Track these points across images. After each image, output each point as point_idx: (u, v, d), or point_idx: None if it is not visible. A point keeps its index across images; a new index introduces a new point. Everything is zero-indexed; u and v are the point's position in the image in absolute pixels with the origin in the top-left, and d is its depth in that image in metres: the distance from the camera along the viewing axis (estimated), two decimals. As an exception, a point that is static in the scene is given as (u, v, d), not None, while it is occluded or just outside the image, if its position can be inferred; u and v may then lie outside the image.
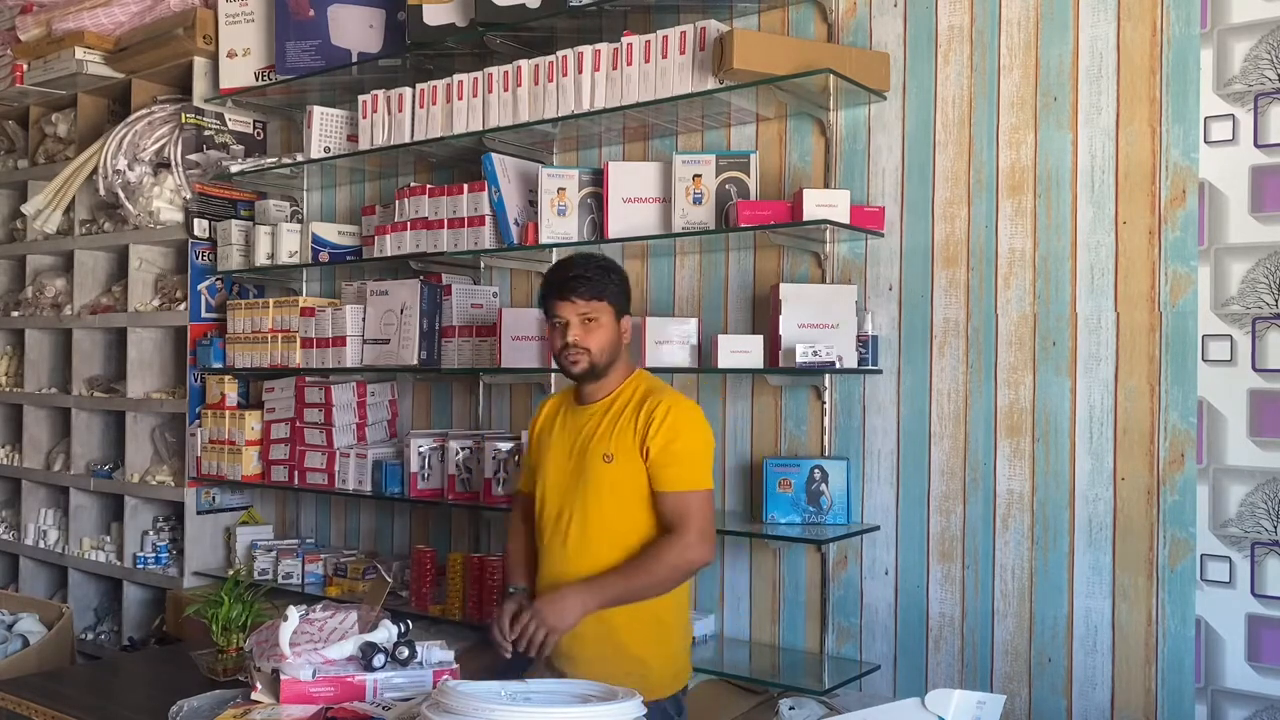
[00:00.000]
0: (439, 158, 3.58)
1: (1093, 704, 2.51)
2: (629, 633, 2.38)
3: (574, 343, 2.40)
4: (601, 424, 2.43)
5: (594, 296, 2.41)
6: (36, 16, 4.45)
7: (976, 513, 2.68)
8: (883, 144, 2.84)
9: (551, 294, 2.44)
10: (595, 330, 2.41)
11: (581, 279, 2.41)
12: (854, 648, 2.85)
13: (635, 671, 2.32)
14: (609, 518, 2.39)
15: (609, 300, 2.43)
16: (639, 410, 2.40)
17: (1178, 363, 2.43)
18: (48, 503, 4.66)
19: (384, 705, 1.97)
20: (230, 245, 3.93)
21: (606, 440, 2.40)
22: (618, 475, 2.39)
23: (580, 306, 2.40)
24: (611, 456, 2.39)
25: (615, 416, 2.43)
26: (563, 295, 2.42)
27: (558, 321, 2.43)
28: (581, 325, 2.41)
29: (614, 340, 2.45)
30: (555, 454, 2.50)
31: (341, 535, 4.02)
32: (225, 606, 2.38)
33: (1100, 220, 2.53)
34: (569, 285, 2.41)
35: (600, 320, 2.42)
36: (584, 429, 2.46)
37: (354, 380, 3.70)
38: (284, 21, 3.76)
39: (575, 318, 2.41)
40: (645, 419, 2.38)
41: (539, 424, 2.60)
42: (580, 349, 2.40)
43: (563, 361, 2.44)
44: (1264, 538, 2.34)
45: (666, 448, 2.36)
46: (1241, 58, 2.38)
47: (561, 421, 2.53)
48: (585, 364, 2.41)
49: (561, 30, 3.19)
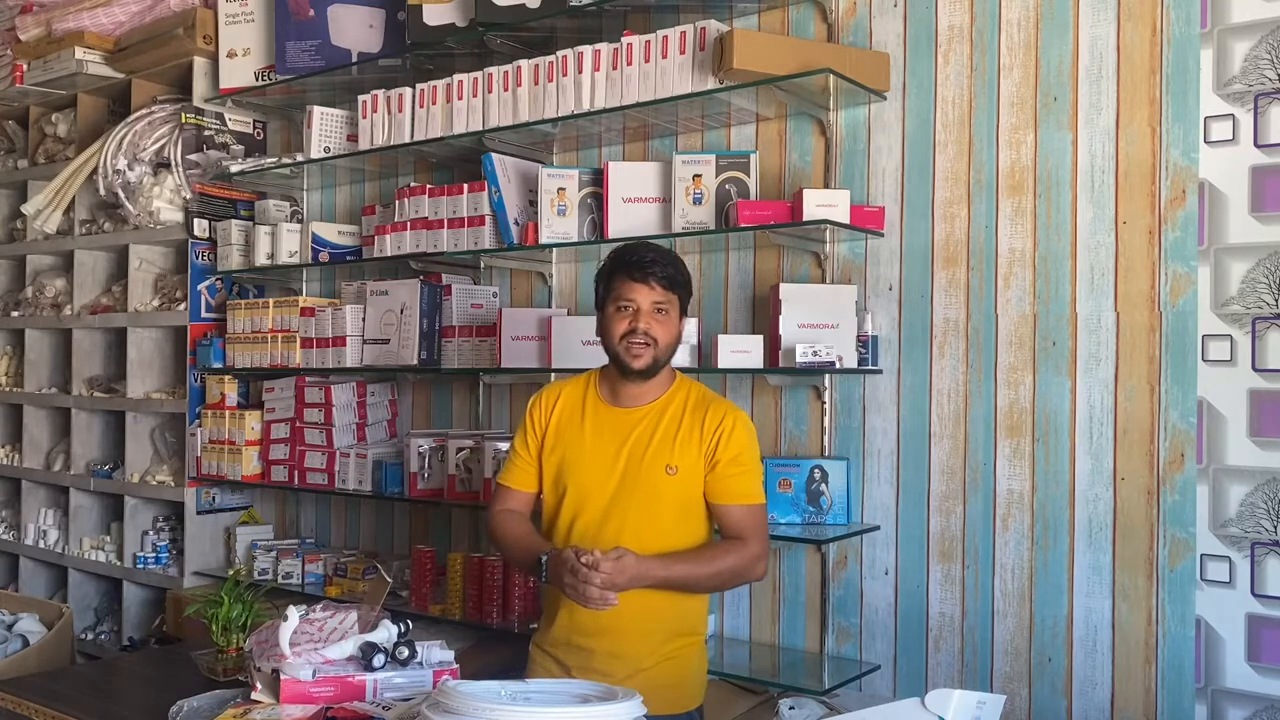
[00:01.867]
0: (439, 158, 3.58)
1: (1093, 704, 2.51)
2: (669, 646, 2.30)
3: (645, 330, 2.22)
4: (658, 431, 2.27)
5: (671, 287, 2.24)
6: (36, 16, 4.45)
7: (976, 513, 2.68)
8: (883, 144, 2.84)
9: (625, 274, 2.23)
10: (666, 323, 2.24)
11: (661, 264, 2.23)
12: (854, 648, 2.85)
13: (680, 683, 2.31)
14: (667, 533, 2.25)
15: (680, 294, 2.28)
16: (701, 420, 2.27)
17: (1178, 363, 2.43)
18: (48, 503, 4.66)
19: (384, 705, 1.97)
20: (230, 245, 3.93)
21: (668, 450, 2.26)
22: (681, 489, 2.26)
23: (657, 294, 2.22)
24: (676, 469, 2.25)
25: (674, 424, 2.28)
26: (640, 278, 2.21)
27: (628, 305, 2.22)
28: (653, 314, 2.23)
29: (677, 338, 2.30)
30: (594, 456, 2.30)
31: (341, 535, 4.02)
32: (225, 606, 2.38)
33: (1100, 220, 2.53)
34: (648, 268, 2.21)
35: (671, 314, 2.26)
36: (633, 434, 2.28)
37: (354, 380, 3.70)
38: (284, 21, 3.76)
39: (648, 304, 2.22)
40: (713, 430, 2.26)
41: (555, 417, 2.37)
42: (649, 339, 2.22)
43: (622, 350, 2.23)
44: (1264, 538, 2.34)
45: (736, 459, 2.26)
46: (1241, 58, 2.38)
47: (593, 421, 2.33)
48: (649, 358, 2.23)
49: (561, 30, 3.19)
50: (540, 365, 3.15)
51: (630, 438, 2.29)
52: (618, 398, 2.33)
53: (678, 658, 2.32)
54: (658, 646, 2.29)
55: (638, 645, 2.27)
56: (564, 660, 2.32)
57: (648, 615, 2.25)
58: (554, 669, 2.32)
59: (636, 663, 2.26)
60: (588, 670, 2.24)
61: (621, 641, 2.26)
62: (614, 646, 2.26)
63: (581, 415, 2.35)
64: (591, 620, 2.23)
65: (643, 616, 2.24)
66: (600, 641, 2.27)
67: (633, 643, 2.26)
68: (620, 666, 2.24)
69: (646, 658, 2.27)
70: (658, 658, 2.29)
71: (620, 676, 2.19)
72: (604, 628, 2.25)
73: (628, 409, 2.32)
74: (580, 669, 2.26)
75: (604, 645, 2.27)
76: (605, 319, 2.28)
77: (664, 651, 2.30)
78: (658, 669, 2.28)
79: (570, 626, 2.30)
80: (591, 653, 2.28)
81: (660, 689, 2.20)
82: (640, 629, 2.26)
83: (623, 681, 2.11)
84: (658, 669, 2.28)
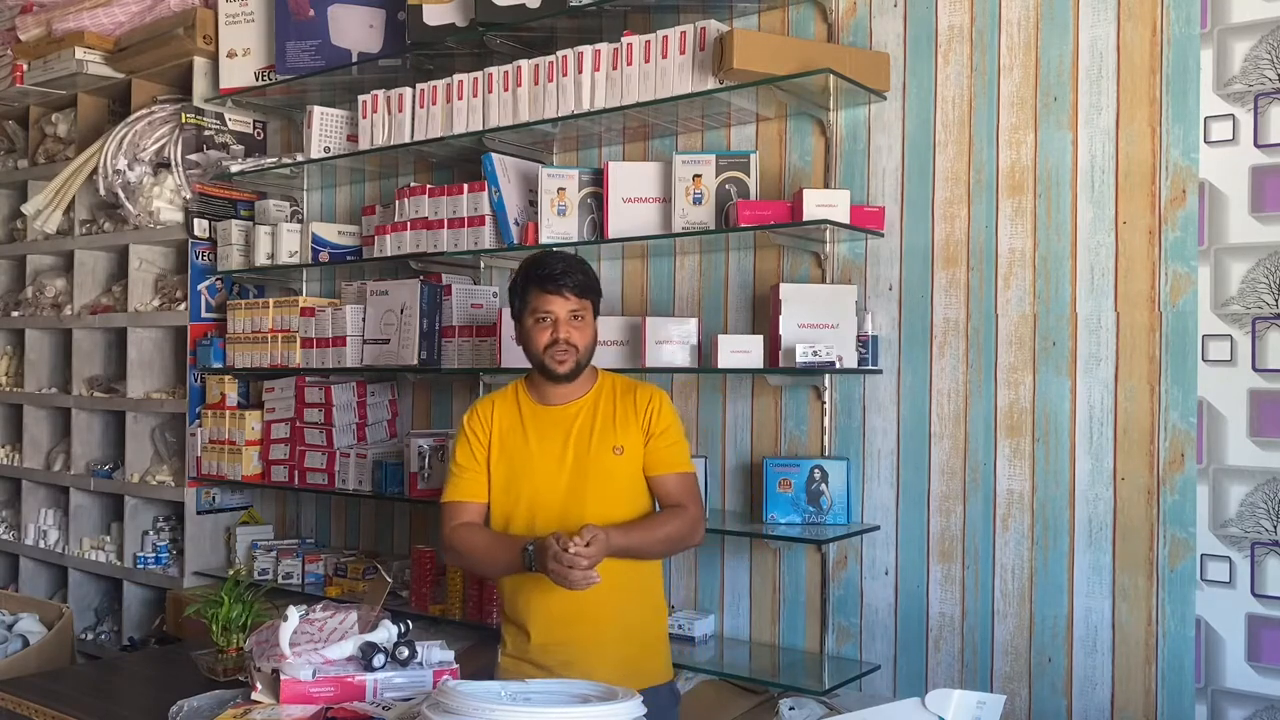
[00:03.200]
0: (439, 158, 3.58)
1: (1093, 704, 2.51)
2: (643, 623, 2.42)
3: (566, 339, 2.34)
4: (597, 418, 2.39)
5: (583, 294, 2.37)
6: (36, 16, 4.45)
7: (976, 513, 2.68)
8: (883, 144, 2.84)
9: (539, 287, 2.35)
10: (583, 328, 2.38)
11: (572, 273, 2.35)
12: (854, 648, 2.85)
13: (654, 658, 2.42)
14: (623, 510, 2.37)
15: (593, 299, 2.41)
16: (632, 401, 2.41)
17: (1178, 363, 2.43)
18: (48, 503, 4.66)
19: (384, 705, 1.97)
20: (230, 245, 3.93)
21: (611, 434, 2.38)
22: (628, 467, 2.38)
23: (571, 303, 2.35)
24: (622, 449, 2.37)
25: (610, 409, 2.41)
26: (554, 289, 2.34)
27: (545, 316, 2.35)
28: (570, 322, 2.35)
29: (594, 340, 2.43)
30: (541, 455, 2.39)
31: (341, 535, 4.02)
32: (225, 606, 2.38)
33: (1100, 220, 2.53)
34: (560, 279, 2.33)
35: (586, 318, 2.38)
36: (575, 426, 2.39)
37: (354, 380, 3.70)
38: (284, 21, 3.76)
39: (565, 314, 2.35)
40: (644, 408, 2.40)
41: (498, 427, 2.44)
42: (570, 346, 2.35)
43: (546, 359, 2.36)
44: (1264, 538, 2.34)
45: (666, 432, 2.40)
46: (1241, 58, 2.38)
47: (533, 424, 2.42)
48: (572, 363, 2.36)
49: (561, 30, 3.19)
50: (540, 365, 3.15)
51: (573, 430, 2.40)
52: (548, 398, 2.45)
53: (649, 634, 2.45)
54: (632, 625, 2.39)
55: (614, 625, 2.35)
56: (538, 660, 2.35)
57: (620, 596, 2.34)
58: (530, 673, 2.29)
59: (613, 645, 2.34)
60: (567, 664, 2.29)
61: (599, 625, 2.34)
62: (593, 632, 2.33)
63: (520, 421, 2.45)
64: (567, 611, 2.32)
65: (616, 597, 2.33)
66: (578, 630, 2.34)
67: (610, 624, 2.34)
68: (598, 651, 2.32)
69: (622, 638, 2.36)
70: (632, 637, 2.38)
71: (597, 661, 2.27)
72: (580, 615, 2.32)
73: (562, 405, 2.43)
74: (559, 664, 2.31)
75: (582, 633, 2.34)
76: (525, 331, 2.41)
77: (637, 629, 2.40)
78: (634, 648, 2.38)
79: (547, 624, 2.36)
80: (567, 644, 2.34)
81: (640, 666, 2.35)
82: (615, 609, 2.34)
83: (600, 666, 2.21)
84: (634, 648, 2.38)
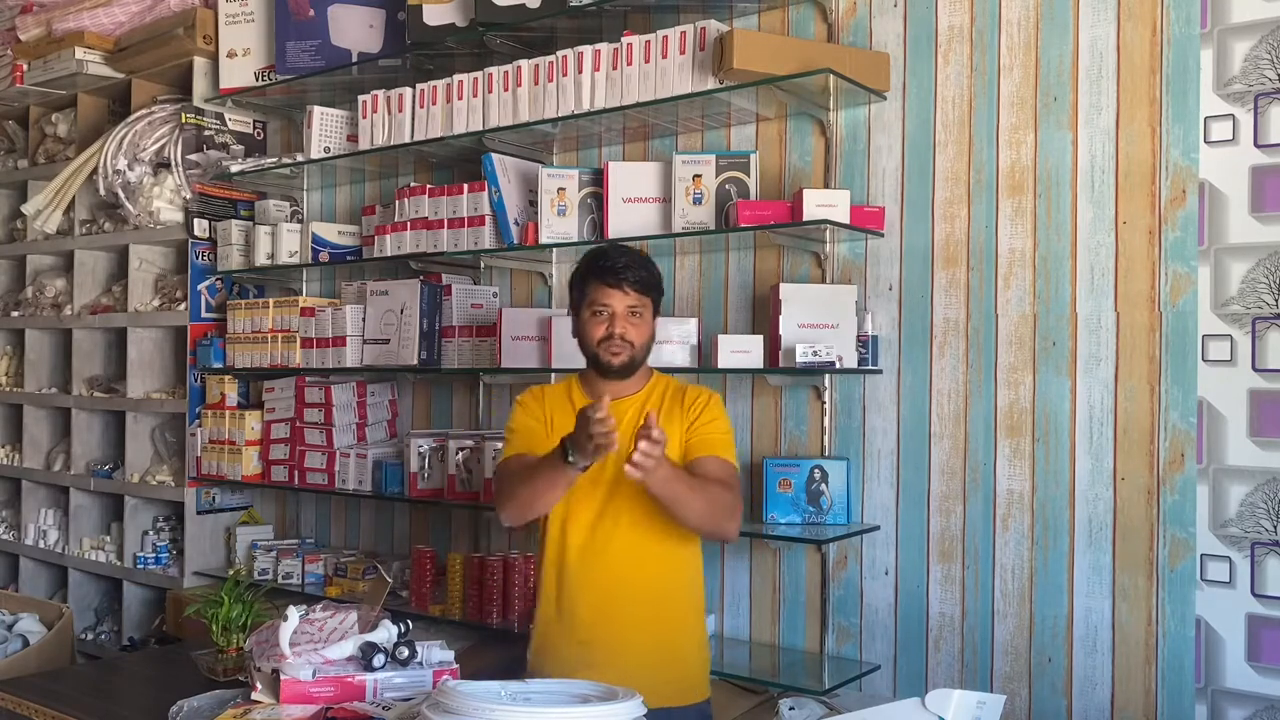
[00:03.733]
0: (439, 158, 3.58)
1: (1093, 704, 2.51)
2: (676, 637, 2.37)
3: (621, 335, 2.31)
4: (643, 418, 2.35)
5: (644, 290, 2.33)
6: (36, 16, 4.45)
7: (976, 513, 2.68)
8: (883, 144, 2.84)
9: (599, 279, 2.32)
10: (641, 325, 2.34)
11: (634, 268, 2.32)
12: (854, 648, 2.85)
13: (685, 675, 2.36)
14: (661, 519, 2.28)
15: (654, 297, 2.37)
16: (680, 400, 2.38)
17: (1178, 363, 2.43)
18: (48, 503, 4.66)
19: (384, 705, 1.97)
20: (230, 245, 3.93)
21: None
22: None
23: (630, 299, 2.31)
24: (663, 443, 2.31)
25: (657, 408, 2.36)
26: (614, 283, 2.30)
27: (603, 309, 2.31)
28: (628, 317, 2.32)
29: (652, 338, 2.39)
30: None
31: (341, 535, 4.02)
32: (225, 606, 2.38)
33: (1100, 220, 2.53)
34: (621, 274, 2.30)
35: (644, 316, 2.35)
36: (622, 421, 2.29)
37: (354, 380, 3.69)
38: (284, 21, 3.76)
39: (623, 309, 2.31)
40: (689, 406, 2.36)
41: (545, 418, 2.43)
42: (625, 342, 2.31)
43: (601, 352, 2.32)
44: (1264, 538, 2.34)
45: (712, 423, 2.35)
46: (1241, 58, 2.38)
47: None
48: (626, 358, 2.32)
49: (561, 30, 3.19)
50: (540, 365, 3.15)
51: (620, 426, 2.31)
52: (598, 395, 2.34)
53: (682, 648, 2.38)
54: (664, 637, 2.34)
55: (645, 634, 2.31)
56: (566, 658, 2.32)
57: (655, 605, 2.31)
58: (555, 672, 2.29)
59: (642, 654, 2.29)
60: (592, 666, 2.23)
61: (629, 631, 2.29)
62: (622, 638, 2.30)
63: (572, 414, 2.35)
64: (598, 613, 2.30)
65: (650, 605, 2.30)
66: (607, 633, 2.30)
67: (640, 632, 2.30)
68: (626, 659, 2.27)
69: (652, 649, 2.31)
70: (664, 649, 2.33)
71: (625, 669, 2.20)
72: (611, 619, 2.29)
73: (614, 402, 2.33)
74: (584, 665, 2.25)
75: (611, 637, 2.30)
76: (581, 323, 2.37)
77: (670, 642, 2.35)
78: (664, 661, 2.32)
79: (575, 624, 2.33)
80: (594, 645, 2.30)
81: (669, 681, 2.28)
82: (647, 618, 2.31)
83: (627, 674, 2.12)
84: (664, 661, 2.32)
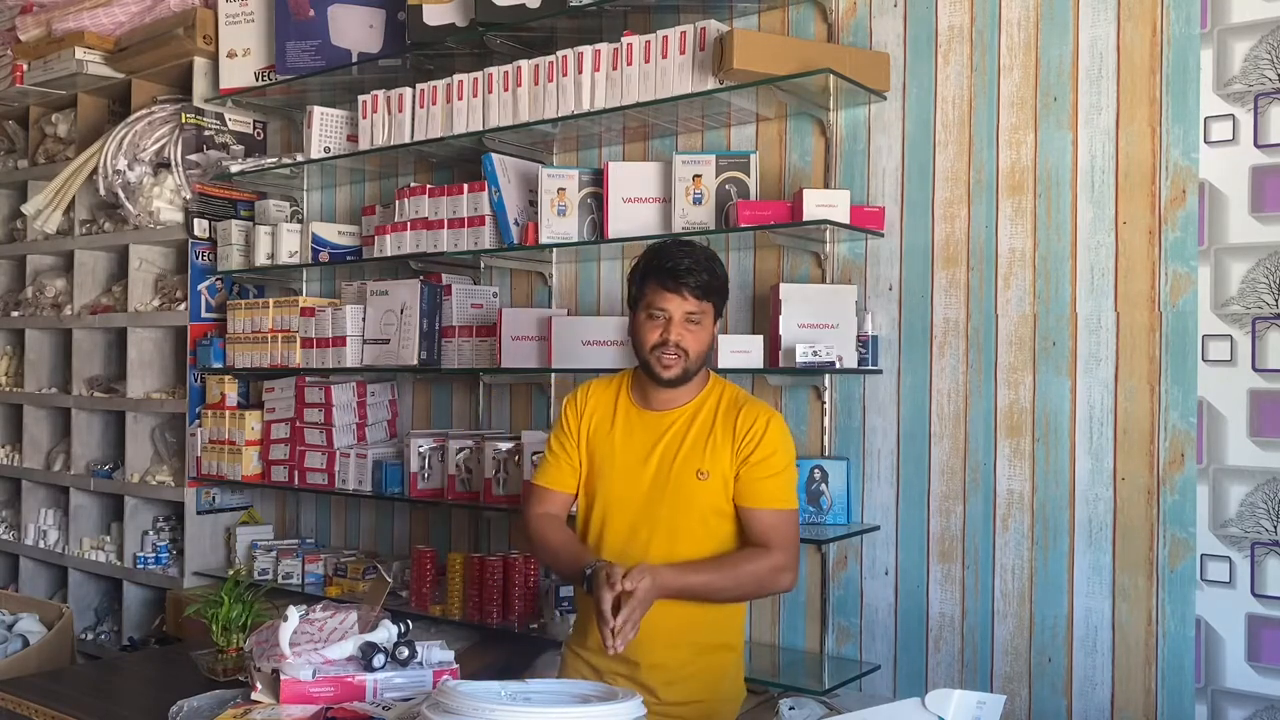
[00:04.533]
0: (439, 158, 3.58)
1: (1093, 704, 2.51)
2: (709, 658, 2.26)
3: (676, 342, 2.14)
4: (689, 435, 2.21)
5: (705, 295, 2.15)
6: (36, 16, 4.45)
7: (976, 513, 2.68)
8: (883, 144, 2.84)
9: (658, 281, 2.14)
10: (699, 333, 2.16)
11: (697, 272, 2.13)
12: (854, 648, 2.85)
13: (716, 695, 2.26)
14: (699, 538, 2.19)
15: (715, 301, 2.20)
16: (733, 421, 2.20)
17: (1178, 363, 2.43)
18: (48, 503, 4.66)
19: (384, 705, 1.97)
20: (230, 245, 3.93)
21: (699, 455, 2.19)
22: (712, 494, 2.19)
23: (689, 304, 2.14)
24: (707, 474, 2.18)
25: (705, 428, 2.21)
26: (674, 287, 2.12)
27: (660, 314, 2.14)
28: (685, 324, 2.14)
29: (709, 346, 2.22)
30: (624, 461, 2.24)
31: (341, 535, 4.02)
32: (225, 606, 2.38)
33: (1100, 220, 2.53)
34: (683, 276, 2.11)
35: (704, 323, 2.17)
36: (665, 438, 2.22)
37: (354, 380, 3.70)
38: (284, 21, 3.76)
39: (680, 315, 2.14)
40: (743, 432, 2.19)
41: (589, 419, 2.30)
42: (679, 351, 2.15)
43: (653, 360, 2.16)
44: (1264, 538, 2.34)
45: (766, 461, 2.18)
46: (1241, 58, 2.38)
47: (624, 424, 2.26)
48: (679, 369, 2.16)
49: (561, 30, 3.19)
50: (540, 365, 3.15)
51: (661, 442, 2.23)
52: (649, 401, 2.27)
53: (711, 670, 2.27)
54: (689, 659, 2.23)
55: (667, 656, 2.22)
56: (601, 667, 2.26)
57: (675, 627, 2.20)
58: (588, 674, 2.27)
59: (667, 673, 2.22)
60: (625, 681, 2.18)
61: (652, 653, 2.20)
62: (645, 657, 2.21)
63: (612, 418, 2.28)
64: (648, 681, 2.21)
65: (671, 628, 2.19)
66: (640, 652, 2.18)
67: (662, 654, 2.21)
68: (653, 676, 2.21)
69: (677, 669, 2.23)
70: (690, 669, 2.24)
71: (653, 686, 2.18)
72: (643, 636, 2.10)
73: (659, 412, 2.25)
74: (613, 675, 2.22)
75: (644, 656, 2.20)
76: (636, 324, 2.22)
77: (697, 664, 2.24)
78: (691, 681, 2.24)
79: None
80: (628, 662, 2.21)
81: (693, 703, 2.21)
82: (668, 640, 2.20)
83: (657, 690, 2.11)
84: (691, 681, 2.24)
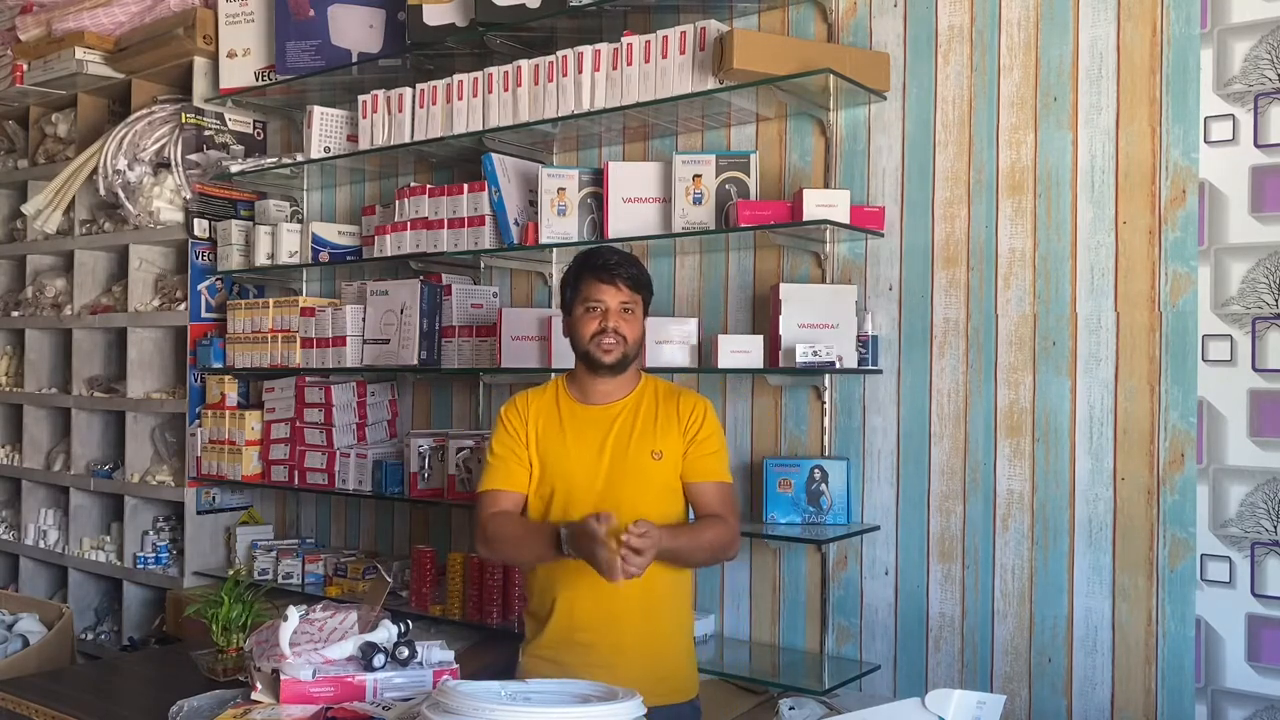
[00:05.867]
0: (439, 158, 3.58)
1: (1093, 704, 2.51)
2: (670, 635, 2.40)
3: (615, 328, 2.33)
4: (637, 422, 2.37)
5: (636, 287, 2.37)
6: (36, 16, 4.45)
7: (976, 513, 2.68)
8: (883, 144, 2.84)
9: (593, 275, 2.35)
10: (633, 321, 2.36)
11: (626, 265, 2.36)
12: (854, 648, 2.85)
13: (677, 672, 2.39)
14: (659, 515, 2.29)
15: (644, 295, 2.40)
16: (675, 406, 2.39)
17: (1178, 363, 2.43)
18: (48, 503, 4.66)
19: (384, 705, 1.97)
20: (230, 245, 3.93)
21: (651, 437, 2.35)
22: (665, 473, 2.36)
23: (623, 295, 2.35)
24: (661, 454, 2.34)
25: (651, 414, 2.38)
26: (608, 279, 2.34)
27: (596, 305, 2.34)
28: (621, 313, 2.35)
29: (643, 338, 2.42)
30: (579, 453, 2.36)
31: (341, 535, 4.02)
32: (225, 606, 2.38)
33: (1100, 220, 2.53)
34: (615, 270, 2.34)
35: (636, 313, 2.38)
36: (614, 428, 2.37)
37: (354, 380, 3.69)
38: (284, 21, 3.76)
39: (616, 304, 2.34)
40: (687, 415, 2.38)
41: (535, 423, 2.41)
42: (618, 337, 2.33)
43: (593, 348, 2.34)
44: (1264, 538, 2.34)
45: (709, 439, 2.38)
46: (1241, 58, 2.38)
47: (571, 422, 2.39)
48: (618, 354, 2.34)
49: (561, 30, 3.19)
50: (540, 365, 3.15)
51: (612, 431, 2.37)
52: (589, 397, 2.41)
53: (675, 647, 2.41)
54: (658, 636, 2.36)
55: (640, 634, 2.32)
56: (561, 660, 2.31)
57: (649, 604, 2.32)
58: (550, 672, 2.28)
59: (638, 654, 2.31)
60: (589, 666, 2.22)
61: (625, 633, 2.31)
62: (617, 639, 2.31)
63: (559, 419, 2.41)
64: (593, 614, 2.30)
65: (644, 605, 2.31)
66: (603, 635, 2.31)
67: (635, 632, 2.32)
68: (622, 659, 2.27)
69: (648, 649, 2.33)
70: (658, 648, 2.36)
71: (622, 669, 2.19)
72: (607, 619, 2.31)
73: (602, 406, 2.40)
74: (581, 665, 2.25)
75: (607, 638, 2.30)
76: (574, 321, 2.39)
77: (664, 641, 2.37)
78: (659, 660, 2.35)
79: (571, 624, 2.33)
80: (592, 647, 2.30)
81: (664, 679, 2.30)
82: (642, 617, 2.32)
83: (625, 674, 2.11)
84: (659, 660, 2.35)
